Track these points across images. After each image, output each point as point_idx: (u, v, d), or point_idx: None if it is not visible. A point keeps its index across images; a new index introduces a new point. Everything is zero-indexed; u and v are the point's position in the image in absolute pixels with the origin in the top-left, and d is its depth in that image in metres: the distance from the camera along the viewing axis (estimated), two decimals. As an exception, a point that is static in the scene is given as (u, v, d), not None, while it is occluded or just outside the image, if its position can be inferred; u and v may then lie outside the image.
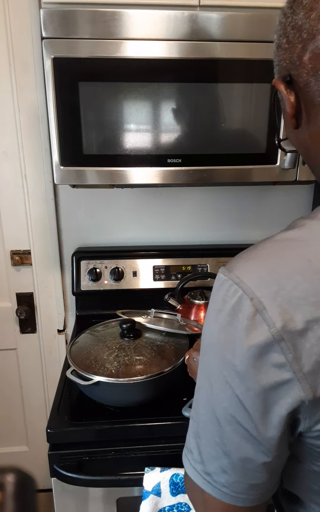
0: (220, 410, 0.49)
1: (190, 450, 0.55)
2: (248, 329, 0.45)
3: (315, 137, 0.53)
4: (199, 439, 0.53)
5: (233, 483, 0.50)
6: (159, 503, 0.91)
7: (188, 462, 0.55)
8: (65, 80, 0.98)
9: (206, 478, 0.52)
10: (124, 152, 1.04)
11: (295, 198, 1.51)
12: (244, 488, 0.51)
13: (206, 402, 0.51)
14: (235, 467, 0.50)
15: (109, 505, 1.01)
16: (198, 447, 0.53)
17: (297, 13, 0.50)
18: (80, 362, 0.99)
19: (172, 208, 1.48)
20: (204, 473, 0.52)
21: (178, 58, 0.98)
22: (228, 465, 0.50)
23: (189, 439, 0.55)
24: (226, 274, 0.48)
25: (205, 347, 0.51)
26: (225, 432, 0.49)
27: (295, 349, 0.44)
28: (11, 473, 0.50)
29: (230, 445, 0.49)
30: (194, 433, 0.54)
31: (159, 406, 0.99)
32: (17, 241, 1.46)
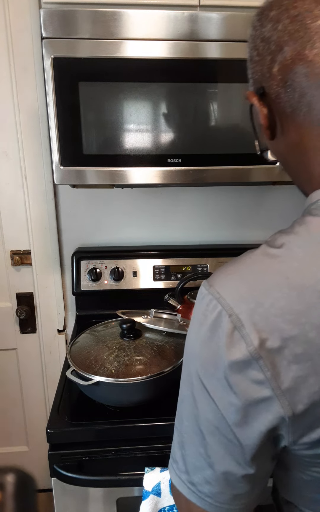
0: (203, 421, 0.49)
1: (175, 460, 0.55)
2: (227, 346, 0.45)
3: (290, 147, 0.54)
4: (184, 450, 0.53)
5: (217, 494, 0.51)
6: (159, 503, 0.91)
7: (174, 472, 0.55)
8: (65, 80, 0.98)
9: (191, 488, 0.52)
10: (124, 152, 1.04)
11: (295, 198, 1.51)
12: (228, 499, 0.51)
13: (189, 414, 0.51)
14: (218, 478, 0.50)
15: (109, 505, 1.01)
16: (183, 457, 0.53)
17: (264, 25, 0.51)
18: (80, 362, 0.99)
19: (172, 208, 1.48)
20: (189, 483, 0.52)
21: (178, 58, 0.98)
22: (212, 476, 0.50)
23: (174, 450, 0.55)
24: (207, 288, 0.48)
25: (187, 359, 0.51)
26: (208, 443, 0.49)
27: (273, 366, 0.43)
28: (11, 473, 0.50)
29: (213, 456, 0.49)
30: (179, 443, 0.54)
31: (159, 406, 0.99)
32: (17, 241, 1.46)
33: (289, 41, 0.48)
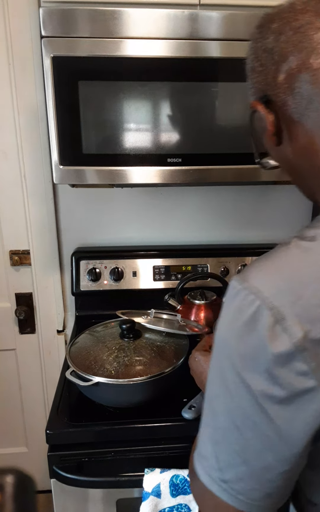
0: (241, 417, 0.49)
1: (204, 457, 0.54)
2: (269, 339, 0.45)
3: (300, 151, 0.56)
4: (217, 446, 0.53)
5: (250, 491, 0.51)
6: (159, 504, 0.91)
7: (203, 469, 0.55)
8: (65, 79, 0.97)
9: (222, 485, 0.52)
10: (124, 152, 1.04)
11: (295, 197, 1.50)
12: (261, 496, 0.51)
13: (225, 410, 0.51)
14: (253, 475, 0.50)
15: (109, 506, 1.00)
16: (215, 454, 0.53)
17: (266, 37, 0.55)
18: (79, 363, 0.98)
19: (172, 208, 1.48)
20: (221, 481, 0.52)
21: (178, 57, 0.98)
22: (246, 473, 0.50)
23: (204, 446, 0.55)
24: (242, 283, 0.48)
25: (219, 356, 0.51)
26: (246, 439, 0.49)
27: (318, 357, 0.44)
28: (10, 474, 0.50)
29: (251, 452, 0.49)
30: (211, 440, 0.54)
31: (159, 407, 0.99)
32: (16, 241, 1.45)
33: (294, 51, 0.51)
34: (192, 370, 0.94)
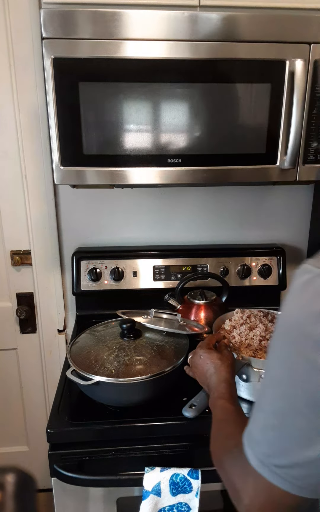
0: (306, 402, 0.49)
1: (257, 443, 0.56)
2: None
3: None
4: (273, 432, 0.53)
5: (307, 476, 0.52)
6: (159, 503, 0.91)
7: (253, 454, 0.56)
8: (65, 80, 0.98)
9: (276, 471, 0.53)
10: (124, 152, 1.04)
11: (295, 198, 1.51)
12: (317, 482, 0.52)
13: (286, 395, 0.51)
14: (312, 462, 0.50)
15: (109, 505, 1.01)
16: (268, 440, 0.54)
17: None
18: (80, 362, 0.99)
19: (172, 208, 1.48)
20: (274, 466, 0.53)
21: (178, 58, 0.98)
22: (306, 459, 0.51)
23: (255, 432, 0.57)
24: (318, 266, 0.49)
25: (287, 341, 0.51)
26: (309, 425, 0.50)
27: None
28: (11, 473, 0.50)
29: (311, 439, 0.50)
30: (265, 426, 0.55)
31: (159, 406, 0.99)
32: (17, 241, 1.46)
33: None
34: (195, 367, 0.94)
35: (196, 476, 0.91)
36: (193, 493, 0.91)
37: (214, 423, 0.77)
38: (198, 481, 0.91)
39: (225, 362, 0.90)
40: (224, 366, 0.89)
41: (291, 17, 0.98)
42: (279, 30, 0.98)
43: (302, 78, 0.99)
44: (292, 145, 1.04)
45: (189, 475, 0.91)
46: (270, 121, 1.04)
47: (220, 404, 0.80)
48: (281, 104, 1.03)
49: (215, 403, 0.81)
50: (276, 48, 0.99)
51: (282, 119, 1.04)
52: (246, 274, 1.44)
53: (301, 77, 0.99)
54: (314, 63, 1.00)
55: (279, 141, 1.06)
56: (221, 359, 0.91)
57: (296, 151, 1.05)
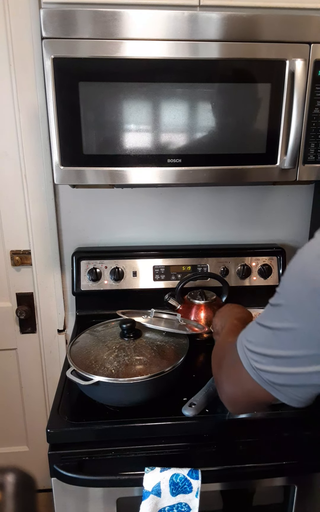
0: (308, 328, 0.57)
1: (254, 352, 0.65)
2: None
3: None
4: (266, 339, 0.63)
5: (280, 377, 0.62)
6: (159, 503, 0.91)
7: (246, 358, 0.66)
8: (65, 80, 0.98)
9: (262, 375, 0.64)
10: (124, 152, 1.04)
11: (295, 198, 1.51)
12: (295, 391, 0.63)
13: (286, 318, 0.59)
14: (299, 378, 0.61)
15: (109, 505, 1.01)
16: (265, 348, 0.63)
17: None
18: (80, 362, 0.99)
19: (172, 208, 1.48)
20: (254, 355, 0.65)
21: (178, 58, 0.98)
22: (293, 378, 0.61)
23: (251, 335, 0.67)
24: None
25: (296, 281, 0.59)
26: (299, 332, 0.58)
27: None
28: (11, 473, 0.50)
29: (304, 359, 0.59)
30: (262, 334, 0.64)
31: (159, 406, 0.99)
32: (17, 241, 1.46)
33: None
34: (220, 311, 1.05)
35: (196, 476, 0.91)
36: (193, 493, 0.91)
37: (221, 335, 0.88)
38: (198, 481, 0.91)
39: (250, 314, 1.01)
40: (248, 312, 1.01)
41: (291, 17, 0.98)
42: (279, 30, 0.98)
43: (302, 78, 0.99)
44: (292, 145, 1.04)
45: (189, 475, 0.91)
46: (270, 121, 1.04)
47: (231, 322, 0.92)
48: (281, 104, 1.03)
49: (227, 325, 0.92)
50: (276, 48, 0.99)
51: (282, 119, 1.04)
52: (246, 274, 1.44)
53: (301, 77, 0.99)
54: (314, 63, 1.00)
55: (279, 141, 1.06)
56: (246, 313, 1.01)
57: (296, 151, 1.05)
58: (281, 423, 1.00)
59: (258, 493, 1.12)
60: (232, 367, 0.69)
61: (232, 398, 0.73)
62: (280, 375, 0.61)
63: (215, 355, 0.83)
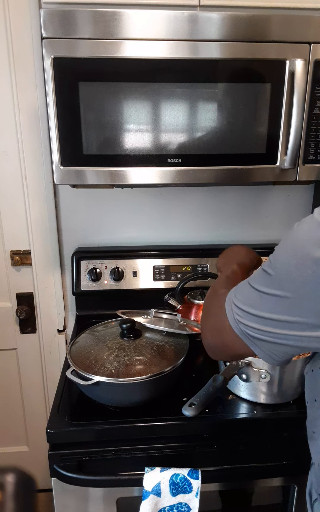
0: (299, 293, 0.59)
1: (241, 310, 0.67)
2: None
3: None
4: (253, 301, 0.66)
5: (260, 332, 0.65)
6: (159, 503, 0.91)
7: (232, 314, 0.69)
8: (65, 80, 0.98)
9: (241, 328, 0.67)
10: (124, 152, 1.04)
11: (295, 198, 1.51)
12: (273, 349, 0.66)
13: (280, 285, 0.62)
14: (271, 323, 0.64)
15: (109, 505, 1.01)
16: (248, 300, 0.66)
17: None
18: (80, 362, 0.99)
19: (172, 208, 1.48)
20: (245, 326, 0.67)
21: (178, 58, 0.98)
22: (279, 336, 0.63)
23: (240, 296, 0.69)
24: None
25: (290, 254, 0.62)
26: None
27: None
28: (11, 473, 0.50)
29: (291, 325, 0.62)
30: (251, 295, 0.66)
31: (159, 406, 0.99)
32: (17, 241, 1.46)
33: None
34: (225, 252, 1.05)
35: (196, 476, 0.91)
36: (193, 493, 0.91)
37: (217, 283, 0.88)
38: (198, 481, 0.91)
39: (256, 258, 1.00)
40: (253, 257, 1.00)
41: (291, 17, 0.98)
42: (279, 30, 0.98)
43: (302, 78, 0.99)
44: (292, 145, 1.04)
45: (189, 475, 0.91)
46: (270, 121, 1.04)
47: (232, 269, 0.91)
48: (281, 104, 1.03)
49: (228, 271, 0.92)
50: (276, 48, 0.99)
51: (282, 119, 1.04)
52: (246, 274, 1.43)
53: (301, 77, 0.99)
54: (314, 63, 1.00)
55: (279, 141, 1.06)
56: (254, 256, 1.00)
57: (296, 151, 1.05)
58: (281, 423, 1.00)
59: (257, 493, 1.12)
60: (218, 316, 0.73)
61: (213, 345, 0.78)
62: (259, 331, 0.65)
63: (207, 301, 0.86)
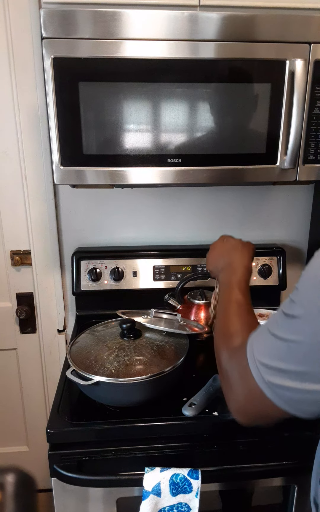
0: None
1: (263, 364, 0.60)
2: None
3: None
4: (279, 353, 0.58)
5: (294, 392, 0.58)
6: (159, 503, 0.91)
7: (254, 364, 0.61)
8: (65, 80, 0.98)
9: (272, 388, 0.59)
10: (124, 152, 1.04)
11: (295, 198, 1.51)
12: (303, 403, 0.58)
13: (302, 331, 0.55)
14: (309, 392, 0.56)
15: (109, 505, 1.01)
16: (278, 360, 0.58)
17: None
18: (80, 362, 0.99)
19: (172, 208, 1.48)
20: (266, 369, 0.60)
21: (178, 58, 0.98)
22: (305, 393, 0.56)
23: (263, 349, 0.61)
24: None
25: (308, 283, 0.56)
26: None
27: None
28: (11, 473, 0.50)
29: None
30: (274, 347, 0.59)
31: (159, 406, 0.99)
32: (17, 241, 1.46)
33: None
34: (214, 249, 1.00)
35: (196, 476, 0.91)
36: (193, 493, 0.91)
37: (224, 313, 0.80)
38: (198, 481, 0.91)
39: (248, 247, 0.95)
40: (247, 250, 0.94)
41: (291, 17, 0.98)
42: (279, 30, 0.98)
43: (302, 78, 0.99)
44: (292, 145, 1.04)
45: (189, 475, 0.91)
46: (270, 121, 1.04)
47: (235, 294, 0.83)
48: (281, 104, 1.03)
49: (231, 291, 0.84)
50: (276, 48, 0.99)
51: (282, 119, 1.04)
52: (246, 274, 1.43)
53: (301, 77, 0.99)
54: (314, 63, 1.00)
55: (279, 141, 1.06)
56: (244, 245, 0.95)
57: (296, 151, 1.05)
58: (281, 423, 1.00)
59: (257, 493, 1.12)
60: (241, 377, 0.63)
61: (241, 410, 0.68)
62: (296, 390, 0.56)
63: (219, 350, 0.75)
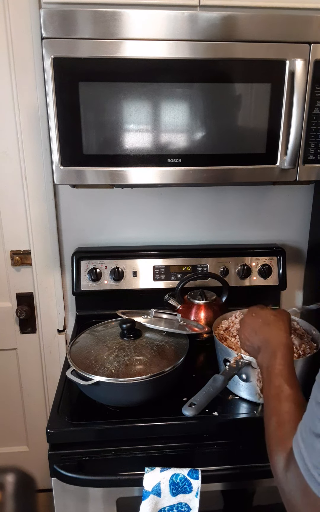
0: None
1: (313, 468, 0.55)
2: None
3: None
4: None
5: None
6: (159, 503, 0.91)
7: (304, 467, 0.56)
8: (65, 80, 0.98)
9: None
10: (124, 152, 1.04)
11: (295, 198, 1.51)
12: None
13: None
14: None
15: (109, 505, 1.01)
16: None
17: None
18: (80, 362, 0.99)
19: (172, 208, 1.48)
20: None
21: (178, 58, 0.98)
22: None
23: (311, 440, 0.55)
24: None
25: None
26: None
27: None
28: (11, 473, 0.50)
29: None
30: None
31: (159, 406, 0.99)
32: (17, 241, 1.46)
33: None
34: (244, 326, 0.89)
35: (196, 476, 0.91)
36: (193, 493, 0.91)
37: (271, 411, 0.71)
38: (198, 481, 0.91)
39: (281, 318, 0.82)
40: (282, 322, 0.81)
41: (291, 17, 0.98)
42: (279, 30, 0.98)
43: (302, 78, 0.99)
44: (292, 145, 1.04)
45: (189, 475, 0.91)
46: (270, 121, 1.04)
47: (280, 386, 0.72)
48: (281, 104, 1.03)
49: (274, 380, 0.74)
50: (276, 48, 0.99)
51: (282, 119, 1.04)
52: (246, 274, 1.44)
53: (301, 77, 0.99)
54: (314, 63, 1.00)
55: (279, 141, 1.06)
56: (277, 316, 0.83)
57: (296, 151, 1.05)
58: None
59: (258, 493, 1.12)
60: (301, 492, 0.58)
61: None
62: None
63: (270, 453, 0.67)
